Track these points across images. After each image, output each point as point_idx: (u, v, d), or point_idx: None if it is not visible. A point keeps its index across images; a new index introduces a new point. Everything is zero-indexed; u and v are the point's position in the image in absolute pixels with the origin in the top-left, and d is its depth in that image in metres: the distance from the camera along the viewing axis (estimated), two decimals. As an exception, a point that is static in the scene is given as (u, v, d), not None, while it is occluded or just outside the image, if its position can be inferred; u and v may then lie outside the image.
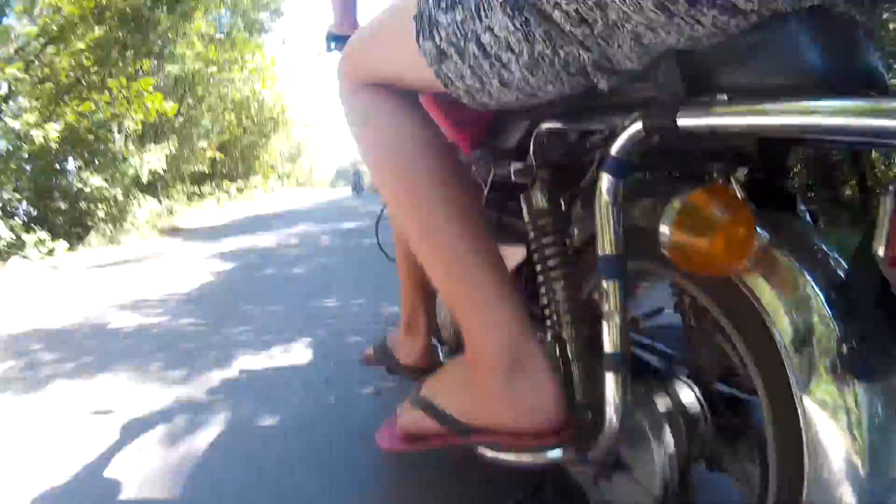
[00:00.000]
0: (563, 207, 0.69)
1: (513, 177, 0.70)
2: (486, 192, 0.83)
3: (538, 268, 0.68)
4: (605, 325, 0.56)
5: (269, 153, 18.94)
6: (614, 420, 0.59)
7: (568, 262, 0.67)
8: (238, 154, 16.48)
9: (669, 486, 0.63)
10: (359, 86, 0.71)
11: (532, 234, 0.68)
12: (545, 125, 0.65)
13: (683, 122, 0.46)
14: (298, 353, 1.90)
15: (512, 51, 0.52)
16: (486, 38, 0.53)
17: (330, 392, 1.51)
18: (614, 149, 0.52)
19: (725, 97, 0.44)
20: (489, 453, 0.69)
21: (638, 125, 0.49)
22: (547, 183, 0.68)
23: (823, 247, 0.48)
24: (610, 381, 0.57)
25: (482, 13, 0.52)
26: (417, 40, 0.58)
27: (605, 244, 0.55)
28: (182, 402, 1.53)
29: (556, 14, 0.47)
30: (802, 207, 0.56)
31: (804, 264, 0.46)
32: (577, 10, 0.46)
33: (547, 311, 0.68)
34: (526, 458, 0.67)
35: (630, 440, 0.65)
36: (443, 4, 0.56)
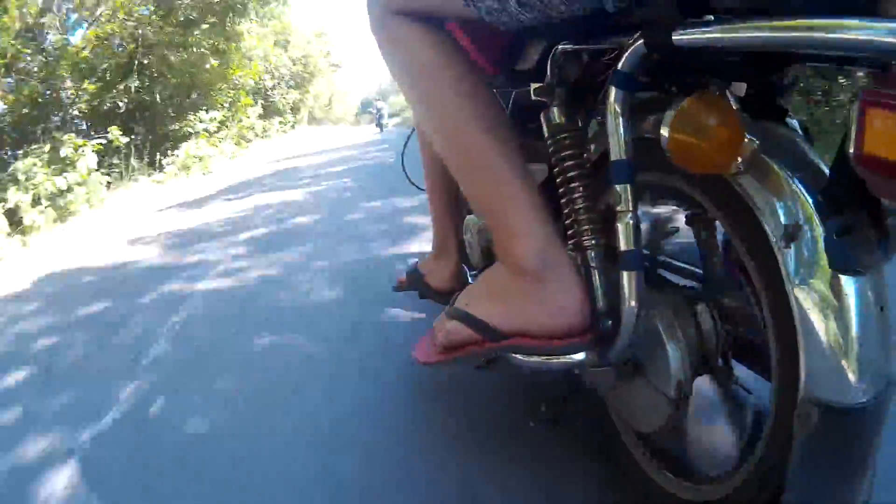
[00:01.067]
0: (579, 124, 0.74)
1: (532, 96, 0.75)
2: (507, 113, 0.88)
3: (558, 181, 0.74)
4: (619, 225, 0.62)
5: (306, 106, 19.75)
6: (631, 317, 0.64)
7: (586, 175, 0.72)
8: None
9: (683, 389, 0.68)
10: (390, 16, 0.76)
11: (552, 150, 0.74)
12: (561, 46, 0.69)
13: (678, 39, 0.50)
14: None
15: None
16: None
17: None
18: (621, 64, 0.57)
19: (712, 17, 0.48)
20: (520, 358, 0.75)
21: (640, 43, 0.54)
22: (564, 101, 0.72)
23: (809, 152, 0.53)
24: (625, 279, 0.63)
25: None
26: None
27: (616, 150, 0.60)
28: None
29: None
30: (793, 120, 0.60)
31: (791, 168, 0.51)
32: None
33: (568, 223, 0.74)
34: (554, 361, 0.72)
35: (646, 345, 0.71)
36: None
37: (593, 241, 0.71)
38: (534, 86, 0.75)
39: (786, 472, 0.54)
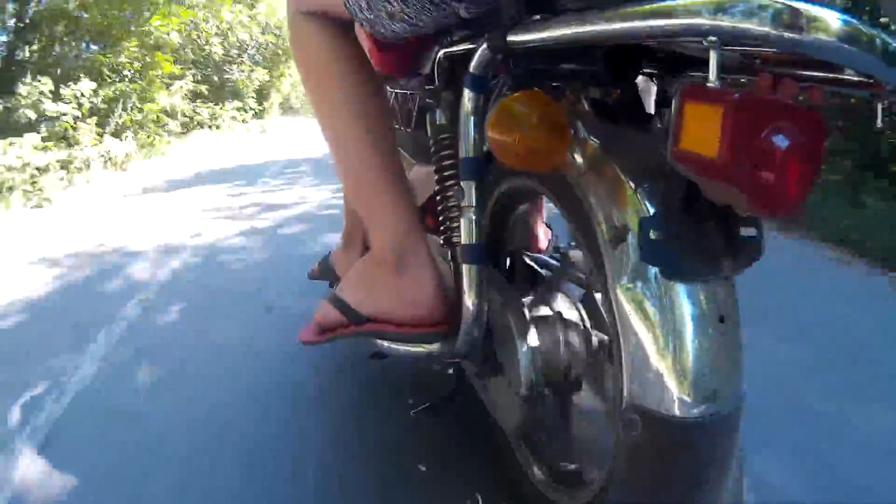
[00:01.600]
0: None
1: (424, 99, 0.79)
2: (414, 115, 0.92)
3: (436, 180, 0.77)
4: (461, 220, 0.65)
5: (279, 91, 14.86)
6: (470, 310, 0.67)
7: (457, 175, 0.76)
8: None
9: (536, 388, 0.68)
10: (299, 15, 0.80)
11: (433, 150, 0.78)
12: (441, 51, 0.73)
13: (512, 38, 0.53)
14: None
15: None
16: None
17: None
18: (471, 66, 0.60)
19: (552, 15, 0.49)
20: (386, 345, 0.78)
21: (485, 45, 0.57)
22: (448, 103, 0.76)
23: (648, 152, 0.51)
24: (465, 272, 0.66)
25: None
26: None
27: (465, 148, 0.64)
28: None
29: None
30: (658, 126, 0.60)
31: (633, 171, 0.50)
32: None
33: (440, 219, 0.77)
34: (416, 349, 0.76)
35: (500, 341, 0.72)
36: None
37: (456, 238, 0.74)
38: (425, 88, 0.79)
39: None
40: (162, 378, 1.23)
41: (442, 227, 0.77)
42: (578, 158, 0.55)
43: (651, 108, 0.62)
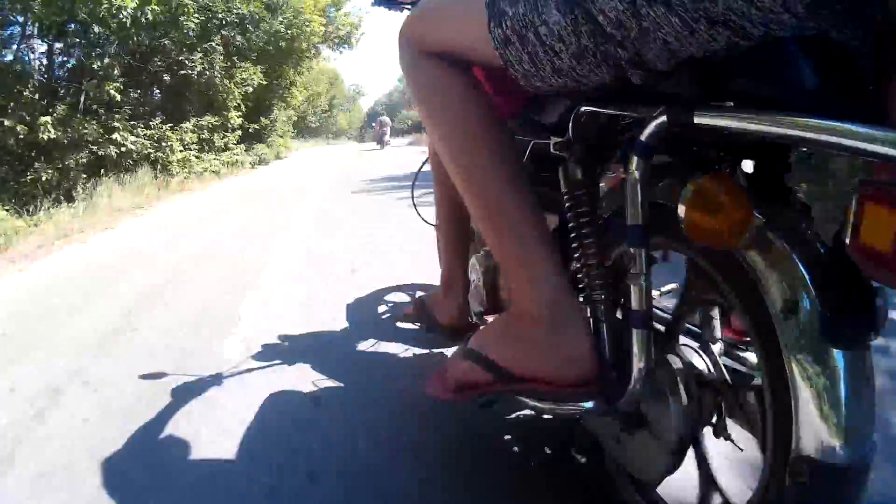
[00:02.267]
0: (594, 181, 0.77)
1: (552, 149, 0.79)
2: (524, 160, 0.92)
3: (572, 234, 0.77)
4: (632, 287, 0.65)
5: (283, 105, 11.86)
6: (640, 373, 0.67)
7: (598, 231, 0.75)
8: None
9: (684, 441, 0.71)
10: (422, 56, 0.79)
11: (568, 204, 0.77)
12: (584, 107, 0.72)
13: (700, 119, 0.54)
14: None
15: (563, 42, 0.60)
16: (542, 29, 0.61)
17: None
18: (644, 135, 0.60)
19: (732, 104, 0.53)
20: (529, 401, 0.77)
21: (663, 118, 0.58)
22: (582, 158, 0.76)
23: (809, 231, 0.56)
24: (636, 336, 0.66)
25: (539, 8, 0.61)
26: (489, 26, 0.66)
27: (633, 216, 0.63)
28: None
29: (601, 17, 0.55)
30: (798, 198, 0.63)
31: (792, 245, 0.55)
32: (616, 17, 0.54)
33: (579, 276, 0.77)
34: (563, 407, 0.75)
35: (651, 398, 0.73)
36: None
37: (602, 296, 0.74)
38: (554, 139, 0.79)
39: None
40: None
41: (581, 284, 0.77)
42: (747, 234, 0.57)
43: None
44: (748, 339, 0.70)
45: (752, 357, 0.75)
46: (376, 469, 1.05)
